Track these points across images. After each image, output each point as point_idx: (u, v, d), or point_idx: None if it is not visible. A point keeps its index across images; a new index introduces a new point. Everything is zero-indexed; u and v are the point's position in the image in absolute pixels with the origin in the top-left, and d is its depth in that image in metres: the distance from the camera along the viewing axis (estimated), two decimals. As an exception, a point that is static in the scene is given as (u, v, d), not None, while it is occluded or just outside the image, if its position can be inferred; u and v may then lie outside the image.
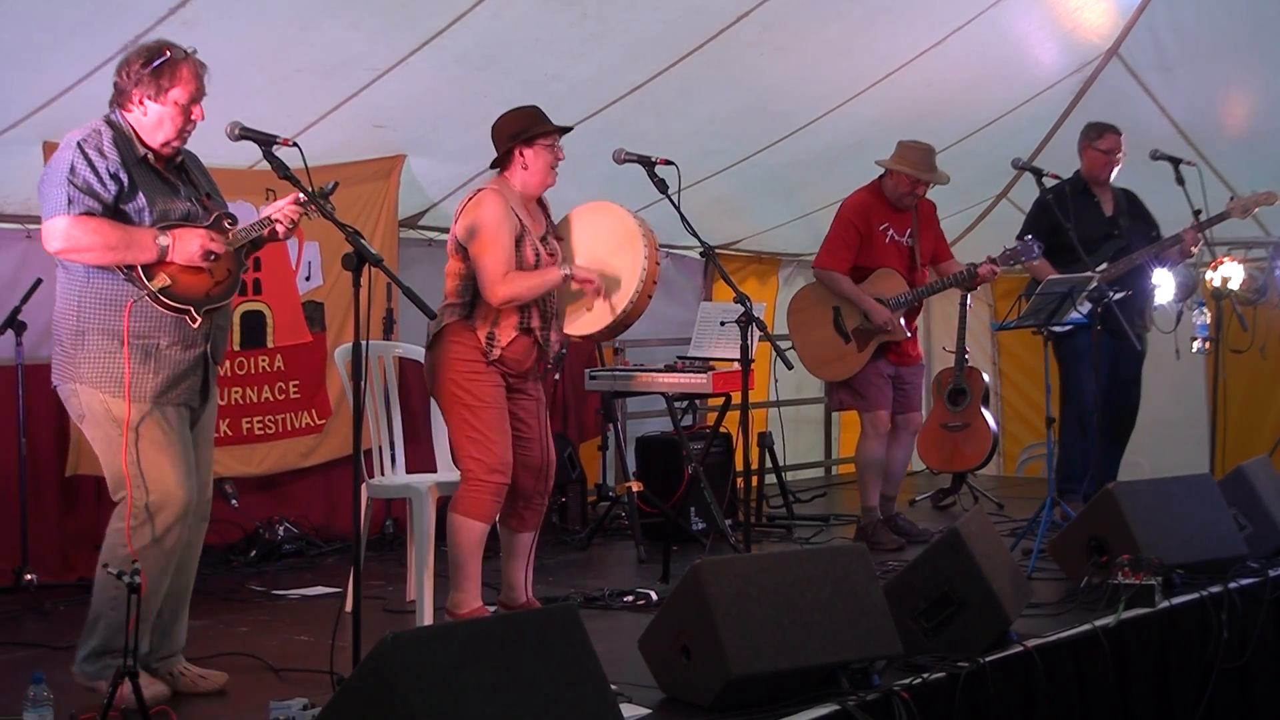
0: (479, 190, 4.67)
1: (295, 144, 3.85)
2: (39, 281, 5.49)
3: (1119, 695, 4.47)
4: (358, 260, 3.65)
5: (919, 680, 3.79)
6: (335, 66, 5.59)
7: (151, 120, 3.87)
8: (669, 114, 6.60)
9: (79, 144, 3.79)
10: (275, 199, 5.89)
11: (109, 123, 3.88)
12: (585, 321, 4.85)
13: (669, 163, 4.82)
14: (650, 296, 4.78)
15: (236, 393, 6.33)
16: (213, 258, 3.88)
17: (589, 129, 6.27)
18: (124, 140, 3.85)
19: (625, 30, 5.87)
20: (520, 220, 4.65)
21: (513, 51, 5.79)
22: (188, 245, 3.84)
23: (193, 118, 3.90)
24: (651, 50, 6.11)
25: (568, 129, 4.77)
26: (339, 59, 5.55)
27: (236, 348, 6.32)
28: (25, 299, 5.46)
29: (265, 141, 3.84)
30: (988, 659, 4.02)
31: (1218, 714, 4.79)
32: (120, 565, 3.78)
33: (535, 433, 4.82)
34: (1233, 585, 4.93)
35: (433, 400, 5.47)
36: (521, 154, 4.68)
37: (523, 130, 4.67)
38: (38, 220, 5.72)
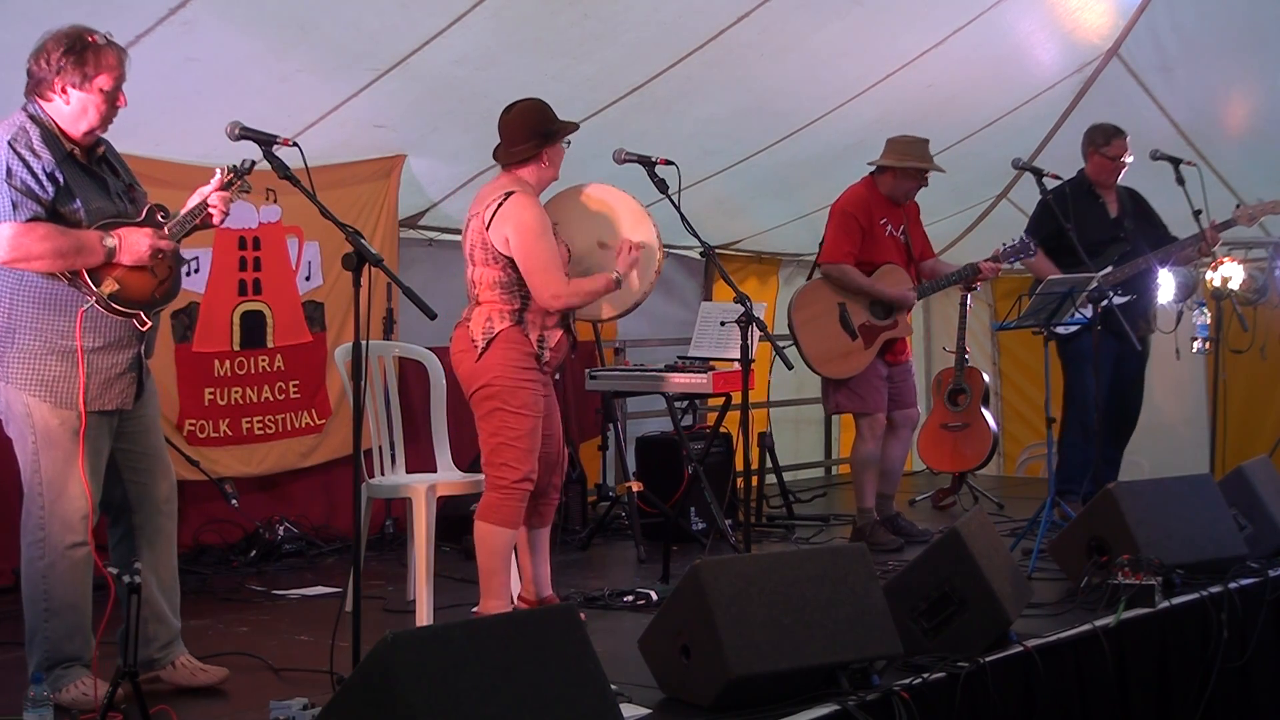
0: (510, 194, 4.57)
1: (295, 144, 3.83)
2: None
3: (1119, 695, 4.47)
4: (358, 260, 3.65)
5: (919, 680, 3.79)
6: (335, 66, 5.59)
7: (74, 109, 3.73)
8: (669, 114, 6.60)
9: (9, 143, 3.65)
10: (275, 199, 5.94)
11: (32, 119, 3.73)
12: (609, 305, 4.86)
13: (669, 163, 4.82)
14: (659, 272, 4.81)
15: (236, 393, 6.32)
16: (160, 255, 3.81)
17: (589, 129, 6.24)
18: (50, 137, 3.71)
19: (625, 30, 5.87)
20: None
21: (513, 52, 5.79)
22: (136, 245, 3.76)
23: (117, 104, 3.78)
24: (651, 50, 6.11)
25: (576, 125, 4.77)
26: (339, 59, 5.55)
27: (236, 348, 6.32)
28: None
29: (265, 141, 3.82)
30: (988, 659, 4.02)
31: (1218, 714, 4.78)
32: (41, 576, 3.77)
33: (553, 428, 4.83)
34: (1233, 585, 4.93)
35: (432, 400, 5.49)
36: (545, 153, 4.68)
37: (549, 132, 4.65)
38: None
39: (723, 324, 6.70)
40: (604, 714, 3.14)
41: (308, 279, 6.60)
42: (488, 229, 4.58)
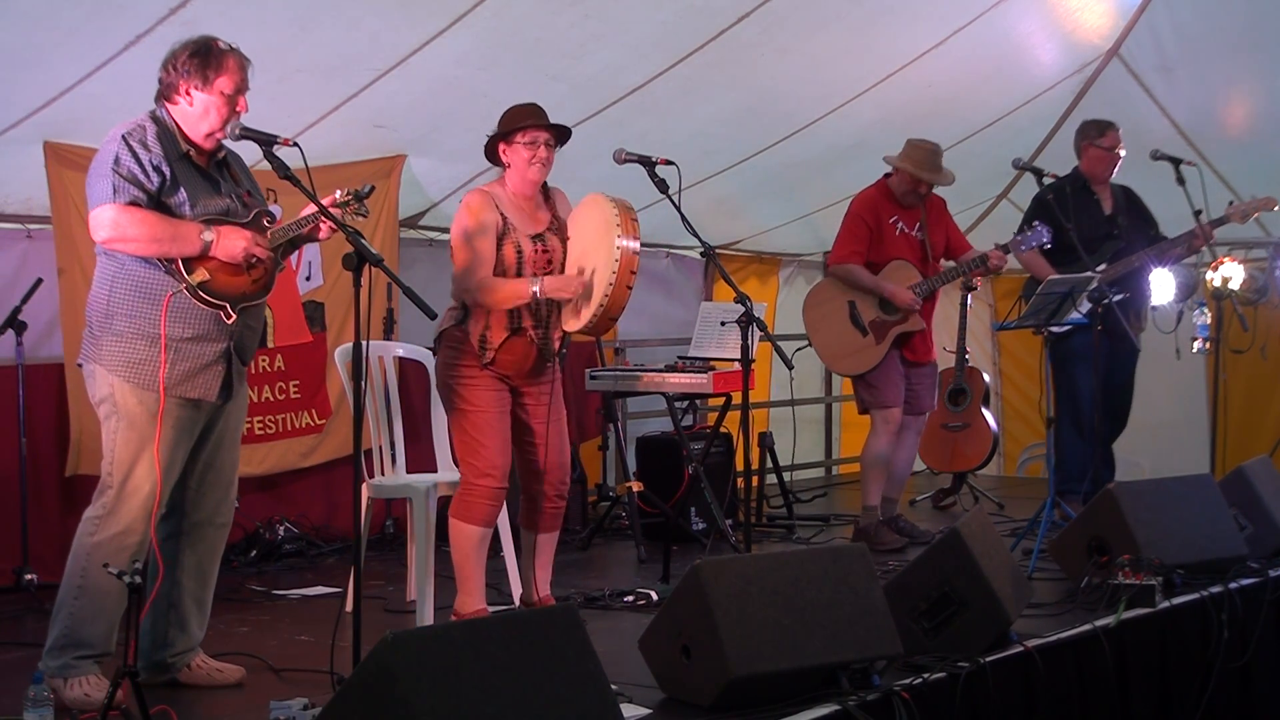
0: (471, 191, 4.70)
1: (296, 144, 3.87)
2: (39, 281, 5.49)
3: (1119, 695, 4.47)
4: (358, 260, 3.66)
5: (919, 680, 3.79)
6: (335, 66, 5.59)
7: (197, 111, 3.91)
8: (670, 114, 6.60)
9: (123, 136, 3.85)
10: (275, 199, 5.93)
11: (153, 118, 3.93)
12: (575, 319, 4.83)
13: (670, 163, 4.81)
14: (629, 287, 4.57)
15: (237, 393, 6.32)
16: (254, 259, 3.94)
17: (589, 129, 6.28)
18: (167, 135, 3.91)
19: (626, 31, 5.87)
20: (505, 219, 4.64)
21: (513, 52, 5.79)
22: (231, 244, 3.89)
23: (237, 109, 3.93)
24: (652, 50, 6.11)
25: (555, 127, 4.69)
26: (339, 59, 5.55)
27: (237, 348, 6.33)
28: (25, 299, 5.46)
29: (266, 141, 3.86)
30: (988, 659, 4.02)
31: (1218, 714, 4.79)
32: (86, 553, 3.85)
33: (539, 437, 4.80)
34: (1233, 585, 4.93)
35: (432, 400, 5.50)
36: (504, 152, 4.70)
37: (501, 128, 4.68)
38: (38, 220, 5.77)
39: (723, 324, 6.70)
40: (604, 714, 3.14)
41: (308, 279, 6.60)
42: None
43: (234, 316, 3.94)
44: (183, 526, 4.09)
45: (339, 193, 4.01)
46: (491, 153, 4.76)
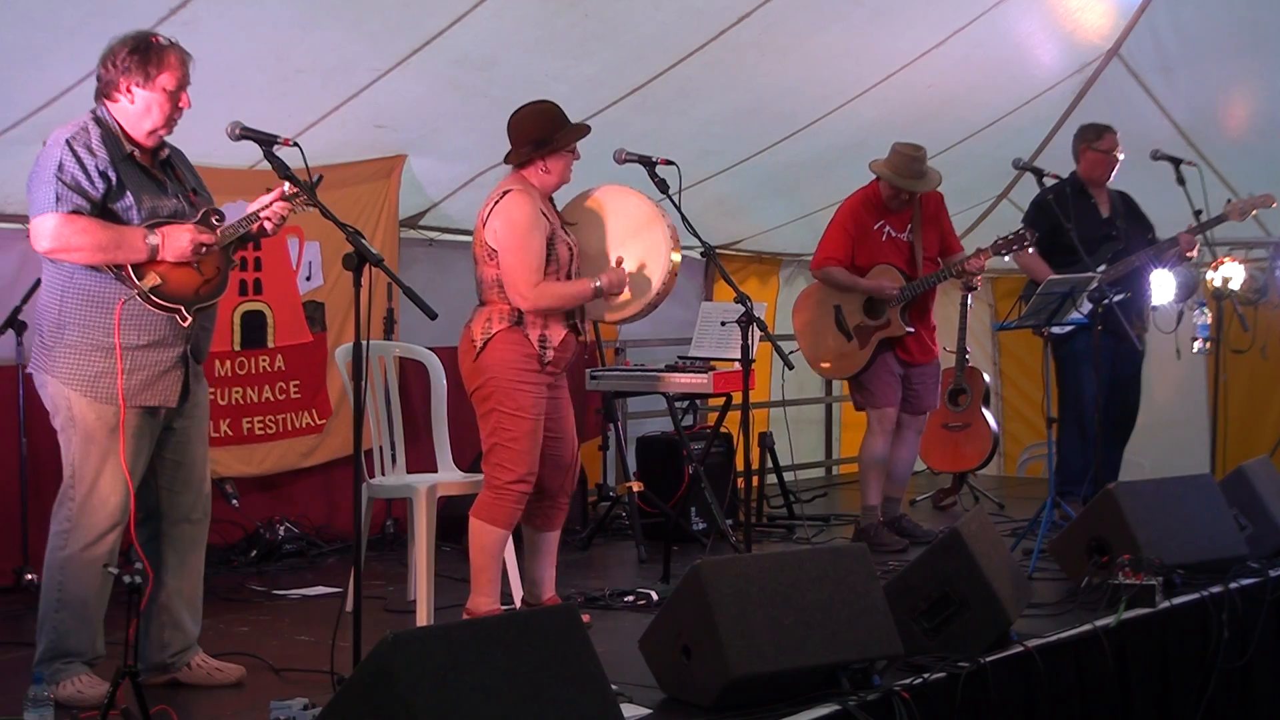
0: (506, 192, 4.61)
1: (296, 144, 3.85)
2: (39, 281, 5.48)
3: (1119, 696, 4.48)
4: (358, 260, 3.65)
5: (919, 680, 3.79)
6: (336, 67, 5.59)
7: (139, 108, 3.83)
8: (670, 114, 6.60)
9: (67, 141, 3.77)
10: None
11: (96, 120, 3.85)
12: (617, 307, 4.84)
13: (670, 163, 4.82)
14: (675, 275, 4.79)
15: (237, 393, 6.32)
16: (203, 250, 3.86)
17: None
18: (111, 138, 3.84)
19: (626, 31, 5.87)
20: (549, 220, 4.65)
21: (513, 52, 5.79)
22: (177, 241, 3.82)
23: (180, 105, 3.87)
24: (652, 51, 6.11)
25: (587, 130, 4.74)
26: (340, 59, 5.55)
27: (236, 348, 6.32)
28: (25, 299, 5.46)
29: (266, 141, 3.84)
30: (988, 659, 4.02)
31: (1218, 714, 4.79)
32: (59, 567, 3.83)
33: (565, 430, 4.82)
34: (1233, 585, 4.94)
35: (433, 400, 5.49)
36: (544, 160, 4.67)
37: (546, 140, 4.64)
38: (36, 220, 5.75)
39: (723, 324, 6.70)
40: (604, 714, 3.14)
41: (308, 279, 6.60)
42: (484, 227, 4.62)
43: (190, 319, 3.86)
44: (161, 528, 4.05)
45: (286, 186, 3.92)
46: (519, 157, 4.70)
